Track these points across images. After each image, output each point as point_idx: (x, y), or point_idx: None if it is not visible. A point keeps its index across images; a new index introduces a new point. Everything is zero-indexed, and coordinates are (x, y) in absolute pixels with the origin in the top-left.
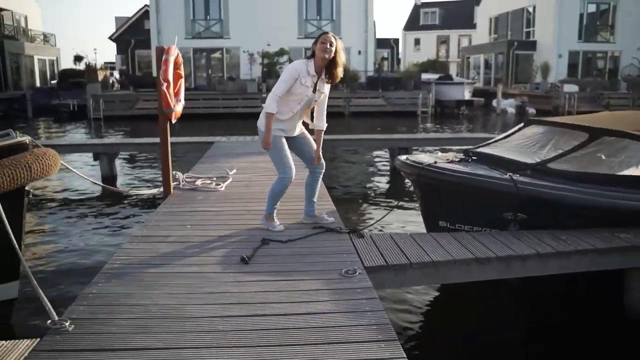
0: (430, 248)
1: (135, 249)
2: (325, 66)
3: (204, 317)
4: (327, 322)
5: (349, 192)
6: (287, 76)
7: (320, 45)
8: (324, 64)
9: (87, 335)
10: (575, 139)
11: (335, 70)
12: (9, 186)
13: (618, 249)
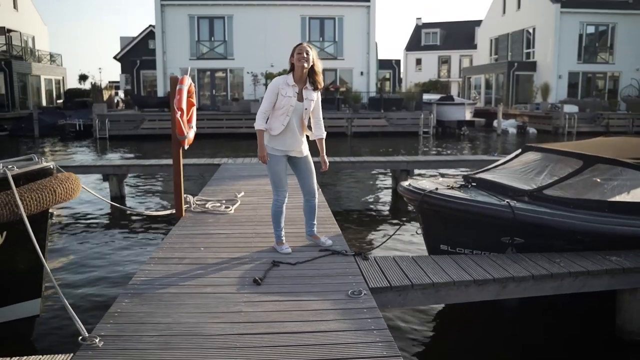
0: (431, 270)
1: (154, 270)
2: (307, 75)
3: (220, 335)
4: (335, 340)
5: (353, 214)
6: (268, 92)
7: (297, 55)
8: (303, 73)
9: (116, 351)
10: (570, 166)
11: (316, 77)
12: (36, 209)
13: (608, 271)
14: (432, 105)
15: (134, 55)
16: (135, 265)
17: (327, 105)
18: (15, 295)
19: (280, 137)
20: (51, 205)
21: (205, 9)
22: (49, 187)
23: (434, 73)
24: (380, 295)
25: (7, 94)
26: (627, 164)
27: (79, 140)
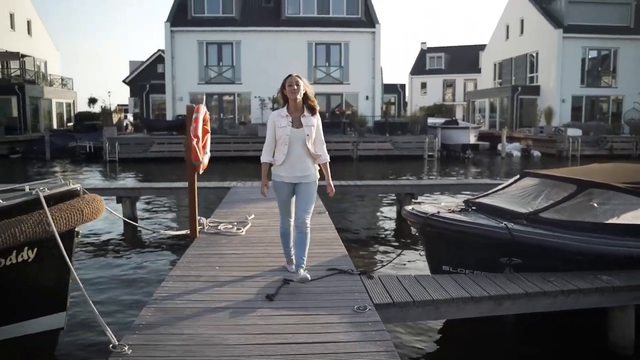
0: (431, 288)
1: (173, 287)
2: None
3: (237, 344)
4: (341, 349)
5: (359, 235)
6: (267, 127)
7: (288, 89)
8: (297, 103)
9: (144, 358)
10: (565, 190)
11: (310, 102)
12: (65, 228)
13: (599, 289)
14: (437, 129)
15: (143, 79)
16: (153, 282)
17: (333, 129)
18: (42, 308)
19: (284, 165)
20: (78, 224)
21: (214, 35)
22: (76, 207)
23: (439, 97)
24: (384, 310)
25: (20, 117)
26: (618, 188)
27: (89, 163)
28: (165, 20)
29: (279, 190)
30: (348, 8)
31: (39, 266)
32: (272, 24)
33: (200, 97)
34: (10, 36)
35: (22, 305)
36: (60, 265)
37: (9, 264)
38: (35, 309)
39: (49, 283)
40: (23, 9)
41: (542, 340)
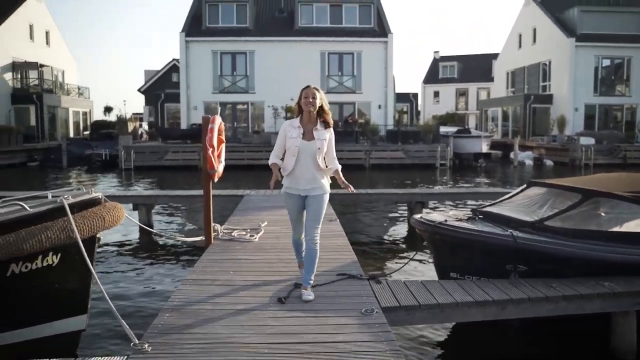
0: (437, 293)
1: (189, 290)
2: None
3: (251, 344)
4: (349, 348)
5: (369, 242)
6: (278, 136)
7: (304, 100)
8: (311, 115)
9: (163, 354)
10: (570, 199)
11: (326, 116)
12: (88, 234)
13: (600, 295)
14: (449, 137)
15: (157, 88)
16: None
17: (346, 138)
18: (65, 311)
19: (292, 176)
20: (100, 230)
21: (228, 45)
22: (98, 214)
23: (452, 105)
24: (391, 313)
25: (38, 125)
26: (621, 197)
27: (105, 171)
28: (181, 31)
29: (289, 202)
30: (361, 18)
31: (63, 271)
32: (285, 34)
33: (214, 106)
34: (30, 46)
35: (45, 308)
36: (82, 270)
37: (34, 268)
38: (58, 311)
39: (71, 287)
40: (42, 20)
41: (545, 345)
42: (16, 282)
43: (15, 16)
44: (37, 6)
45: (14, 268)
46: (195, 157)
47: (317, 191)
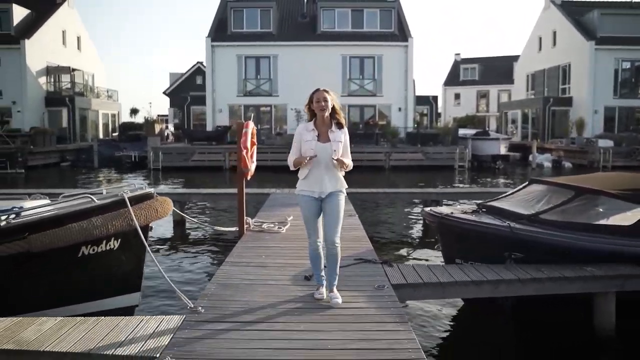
0: (440, 274)
1: (229, 269)
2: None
3: (282, 309)
4: (363, 314)
5: (386, 235)
6: (294, 141)
7: (316, 105)
8: (325, 118)
9: (214, 314)
10: (564, 195)
11: (338, 116)
12: (144, 223)
13: (581, 277)
14: (468, 140)
15: (182, 90)
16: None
17: (366, 140)
18: (122, 288)
19: (308, 179)
20: (153, 220)
21: (252, 50)
22: (152, 207)
23: (473, 107)
24: (399, 290)
25: (69, 127)
26: (609, 194)
27: (134, 171)
28: (207, 36)
29: (305, 206)
30: (382, 22)
31: (122, 254)
32: (307, 38)
33: (237, 108)
34: (62, 51)
35: (106, 285)
36: (137, 254)
37: (99, 251)
38: (116, 288)
39: (128, 268)
40: (73, 26)
41: (536, 322)
42: (84, 262)
43: (49, 23)
44: (69, 13)
45: (84, 250)
46: (220, 158)
47: (334, 193)
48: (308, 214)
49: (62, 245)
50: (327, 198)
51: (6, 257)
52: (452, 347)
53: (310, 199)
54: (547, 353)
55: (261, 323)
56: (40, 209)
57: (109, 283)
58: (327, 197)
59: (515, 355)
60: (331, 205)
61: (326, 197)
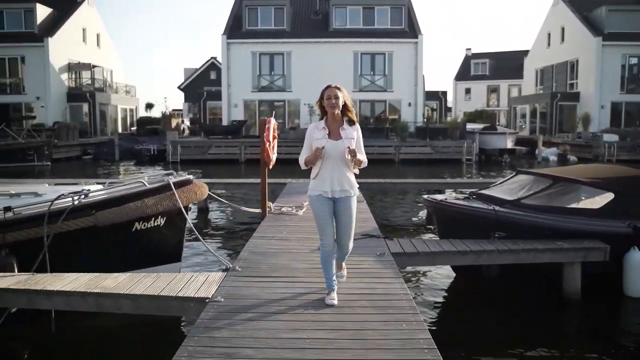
0: (432, 246)
1: (257, 242)
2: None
3: (303, 271)
4: (366, 272)
5: (391, 220)
6: (305, 139)
7: (327, 102)
8: (337, 115)
9: (249, 272)
10: (544, 184)
11: (350, 113)
12: (185, 204)
13: (550, 249)
14: (475, 134)
15: (196, 85)
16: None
17: (376, 134)
18: (166, 258)
19: (320, 178)
20: (193, 201)
21: (267, 46)
22: (192, 190)
23: (483, 102)
24: (397, 257)
25: (90, 121)
26: (581, 182)
27: (153, 164)
28: (222, 33)
29: (317, 206)
30: (392, 20)
31: (166, 229)
32: (320, 35)
33: (252, 103)
34: (83, 48)
35: (153, 256)
36: (179, 230)
37: (149, 226)
38: (161, 258)
39: (171, 241)
40: (93, 23)
41: (516, 287)
42: (137, 235)
43: (70, 21)
44: (89, 11)
45: (137, 225)
46: (236, 151)
47: (347, 193)
48: (320, 214)
49: (120, 220)
50: (339, 200)
51: (78, 229)
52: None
53: (322, 199)
54: (525, 312)
55: (286, 277)
56: (103, 191)
57: (155, 254)
58: (339, 200)
59: (497, 313)
60: (344, 208)
61: (338, 200)
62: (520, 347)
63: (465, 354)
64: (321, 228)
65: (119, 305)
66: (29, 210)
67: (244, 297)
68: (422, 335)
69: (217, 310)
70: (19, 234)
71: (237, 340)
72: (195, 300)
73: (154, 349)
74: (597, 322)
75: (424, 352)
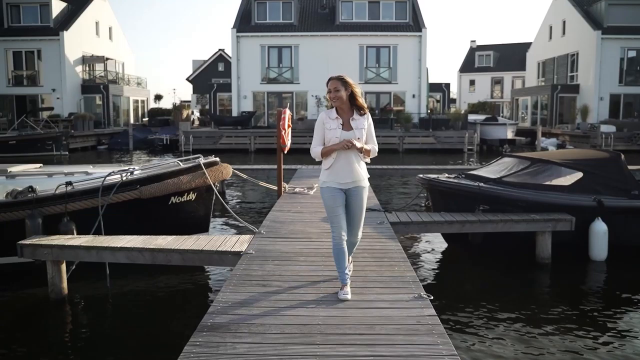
0: (424, 216)
1: (276, 214)
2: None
3: (316, 232)
4: (367, 235)
5: (390, 199)
6: (316, 128)
7: (328, 95)
8: (343, 104)
9: (272, 235)
10: (523, 165)
11: (358, 103)
12: (214, 181)
13: (525, 220)
14: (477, 125)
15: (205, 77)
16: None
17: (382, 125)
18: (195, 228)
19: (333, 169)
20: (220, 179)
21: (275, 40)
22: (219, 169)
23: (487, 94)
24: (395, 225)
25: (104, 113)
26: (554, 162)
27: (166, 153)
28: (232, 27)
29: (329, 198)
30: (397, 13)
31: (197, 203)
32: (327, 29)
33: (260, 95)
34: (96, 41)
35: (185, 226)
36: (207, 204)
37: (182, 200)
38: (191, 229)
39: (200, 214)
40: (106, 17)
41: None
42: (172, 207)
43: (84, 15)
44: (102, 4)
45: (173, 199)
46: (246, 141)
47: (359, 184)
48: (333, 205)
49: (160, 194)
50: (351, 191)
51: (126, 201)
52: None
53: (335, 190)
54: (504, 272)
55: (303, 237)
56: (145, 170)
57: (187, 224)
58: (351, 190)
59: (479, 271)
60: (356, 199)
61: (351, 190)
62: (498, 300)
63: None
64: (333, 220)
65: (170, 258)
66: (85, 185)
67: (270, 251)
68: (409, 274)
69: (250, 260)
70: (78, 204)
71: (267, 276)
72: (232, 253)
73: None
74: (565, 280)
75: (409, 284)
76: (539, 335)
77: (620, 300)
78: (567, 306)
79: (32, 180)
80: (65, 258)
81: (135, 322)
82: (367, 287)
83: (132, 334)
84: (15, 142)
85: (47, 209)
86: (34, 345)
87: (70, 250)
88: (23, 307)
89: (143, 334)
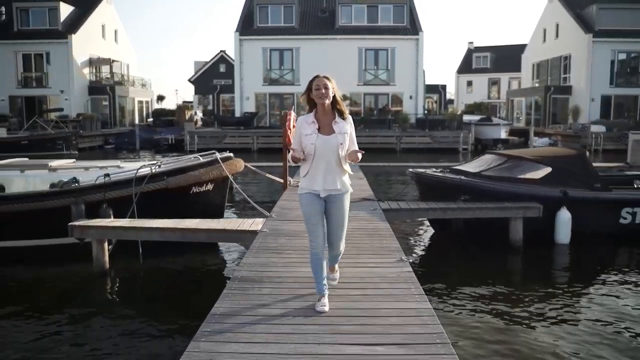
0: (412, 205)
1: (284, 203)
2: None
3: None
4: (361, 218)
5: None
6: (295, 133)
7: (315, 92)
8: (326, 107)
9: (282, 218)
10: (500, 160)
11: (339, 107)
12: (230, 173)
13: (498, 207)
14: (472, 125)
15: (206, 78)
16: None
17: (380, 125)
18: (212, 215)
19: (310, 176)
20: (234, 172)
21: (277, 43)
22: (233, 163)
23: (484, 95)
24: (386, 212)
25: (110, 113)
26: (526, 159)
27: (171, 152)
28: (235, 30)
29: (306, 204)
30: (395, 17)
31: (213, 193)
32: (327, 32)
33: (262, 96)
34: (102, 44)
35: (204, 212)
36: (222, 194)
37: (202, 190)
38: (209, 215)
39: (217, 203)
40: (111, 20)
41: (477, 237)
42: (193, 197)
43: (91, 18)
44: (108, 8)
45: (194, 189)
46: (249, 141)
47: (339, 191)
48: (311, 213)
49: (184, 184)
50: (331, 199)
51: (155, 190)
52: (419, 245)
53: (312, 197)
54: (481, 252)
55: None
56: (170, 163)
57: (205, 211)
58: (331, 198)
59: (459, 253)
60: (336, 207)
61: (331, 198)
62: (475, 275)
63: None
64: (311, 229)
65: (197, 236)
66: (120, 177)
67: (282, 230)
68: (394, 245)
69: (265, 237)
70: (115, 192)
71: (282, 248)
72: (250, 232)
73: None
74: (533, 259)
75: (393, 252)
76: (505, 300)
77: (580, 276)
78: (534, 280)
79: (72, 173)
80: (108, 237)
81: (165, 289)
82: (360, 254)
83: (164, 298)
84: (27, 142)
85: (89, 197)
86: (83, 311)
87: (113, 230)
88: (72, 281)
89: (173, 298)
